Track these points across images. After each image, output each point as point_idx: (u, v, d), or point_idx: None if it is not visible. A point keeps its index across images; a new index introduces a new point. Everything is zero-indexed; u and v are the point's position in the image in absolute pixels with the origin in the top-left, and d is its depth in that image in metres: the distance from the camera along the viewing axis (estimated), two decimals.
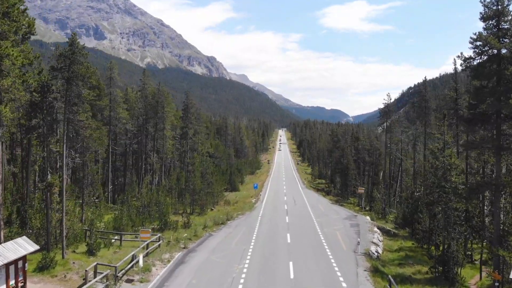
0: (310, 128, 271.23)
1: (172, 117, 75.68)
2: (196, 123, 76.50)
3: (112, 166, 61.89)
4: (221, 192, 72.71)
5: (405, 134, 76.93)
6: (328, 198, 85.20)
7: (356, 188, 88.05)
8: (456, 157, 35.07)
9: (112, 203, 58.48)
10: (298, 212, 56.48)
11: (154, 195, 50.21)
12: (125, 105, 61.12)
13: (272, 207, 61.35)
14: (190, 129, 72.74)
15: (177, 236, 41.69)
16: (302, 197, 75.08)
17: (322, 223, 48.85)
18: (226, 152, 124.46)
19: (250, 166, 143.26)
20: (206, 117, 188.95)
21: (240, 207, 65.27)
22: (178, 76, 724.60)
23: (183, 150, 70.91)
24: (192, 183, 57.24)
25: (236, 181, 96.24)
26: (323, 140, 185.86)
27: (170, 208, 53.77)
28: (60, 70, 32.18)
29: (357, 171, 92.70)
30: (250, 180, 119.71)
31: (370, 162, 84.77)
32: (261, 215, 54.42)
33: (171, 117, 71.92)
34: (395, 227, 58.67)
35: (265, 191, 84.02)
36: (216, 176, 70.36)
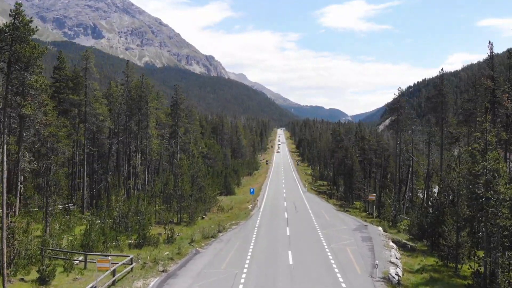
0: (310, 127, 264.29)
1: (161, 114, 68.63)
2: (186, 121, 69.38)
3: (90, 169, 54.94)
4: (214, 197, 65.70)
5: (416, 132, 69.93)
6: (332, 203, 78.23)
7: (362, 192, 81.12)
8: (503, 162, 28.02)
9: (89, 212, 51.52)
10: (300, 222, 49.44)
11: (133, 203, 43.10)
12: (105, 100, 54.09)
13: (271, 215, 54.34)
14: (180, 127, 65.69)
15: (156, 255, 34.61)
16: (303, 202, 68.08)
17: (329, 236, 41.80)
18: (222, 152, 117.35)
19: (247, 166, 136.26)
20: (201, 116, 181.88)
21: (235, 214, 58.27)
22: (176, 75, 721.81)
23: (172, 150, 63.88)
24: (179, 188, 50.16)
25: (231, 184, 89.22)
26: (323, 139, 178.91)
27: (153, 218, 46.73)
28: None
29: (363, 173, 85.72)
30: (247, 182, 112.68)
31: (377, 163, 77.72)
32: (257, 225, 47.35)
33: (158, 114, 64.91)
34: (409, 238, 51.77)
35: (263, 195, 76.99)
36: (209, 179, 63.36)
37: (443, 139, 57.01)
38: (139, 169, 53.87)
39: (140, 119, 53.57)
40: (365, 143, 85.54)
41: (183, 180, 50.15)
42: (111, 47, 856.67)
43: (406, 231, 56.86)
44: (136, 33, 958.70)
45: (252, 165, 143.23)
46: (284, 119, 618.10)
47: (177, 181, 51.03)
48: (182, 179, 50.23)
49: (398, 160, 68.94)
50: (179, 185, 50.16)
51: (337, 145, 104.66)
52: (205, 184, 61.07)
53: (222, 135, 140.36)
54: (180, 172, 50.34)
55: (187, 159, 62.43)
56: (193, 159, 60.70)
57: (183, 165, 50.47)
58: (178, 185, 50.23)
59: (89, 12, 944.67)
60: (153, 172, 68.66)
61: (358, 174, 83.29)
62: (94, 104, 49.66)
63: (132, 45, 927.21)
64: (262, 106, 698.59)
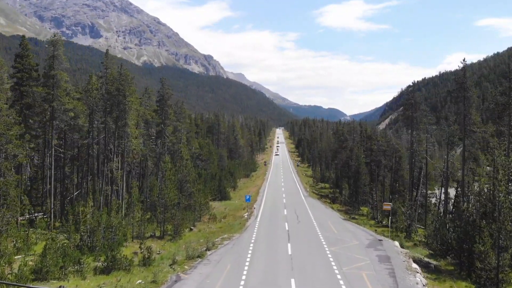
0: (310, 126, 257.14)
1: (148, 112, 61.54)
2: (175, 119, 62.23)
3: (61, 174, 47.86)
4: (206, 204, 58.65)
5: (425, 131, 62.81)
6: (336, 209, 71.24)
7: (369, 197, 74.11)
8: None
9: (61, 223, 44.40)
10: (303, 236, 42.25)
11: (104, 216, 35.97)
12: (78, 94, 46.99)
13: (269, 227, 47.18)
14: (167, 126, 58.56)
15: (124, 285, 27.51)
16: (305, 210, 60.96)
17: (339, 256, 34.63)
18: (217, 153, 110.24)
19: (245, 168, 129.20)
20: (197, 115, 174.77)
21: (229, 225, 51.13)
22: (175, 74, 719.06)
23: (158, 152, 56.69)
24: (163, 196, 43.00)
25: (226, 188, 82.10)
26: (324, 139, 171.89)
27: (129, 232, 39.57)
28: None
29: (370, 176, 78.68)
30: (244, 185, 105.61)
31: (387, 166, 70.59)
32: (254, 240, 40.17)
33: (144, 111, 57.85)
34: (429, 253, 44.75)
35: (261, 201, 69.85)
36: (199, 184, 56.23)
37: (465, 139, 49.91)
38: (116, 174, 46.67)
39: (118, 116, 46.32)
40: (372, 143, 78.49)
41: (167, 186, 42.97)
42: (109, 46, 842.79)
43: (423, 243, 49.90)
44: (134, 33, 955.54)
45: (249, 166, 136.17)
46: (283, 118, 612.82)
47: (161, 187, 43.84)
48: (166, 185, 43.02)
49: (411, 162, 61.88)
50: (162, 193, 42.98)
51: (340, 145, 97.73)
52: (195, 190, 54.00)
53: (218, 134, 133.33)
54: (163, 177, 43.14)
55: (172, 161, 55.46)
56: (181, 162, 53.56)
57: (167, 168, 43.25)
58: (162, 193, 43.06)
59: (87, 11, 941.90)
60: (140, 176, 61.71)
61: (365, 178, 76.25)
62: (63, 99, 42.44)
63: (130, 45, 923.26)
64: (260, 106, 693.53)
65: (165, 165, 43.15)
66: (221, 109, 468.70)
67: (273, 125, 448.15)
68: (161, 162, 48.45)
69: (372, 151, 76.80)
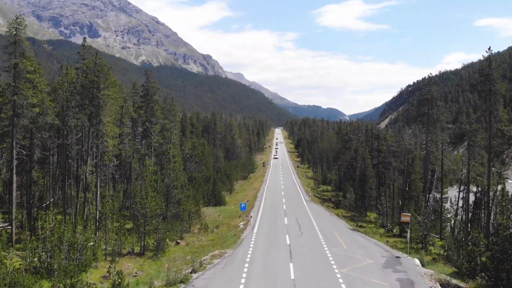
0: (310, 126, 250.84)
1: (131, 108, 55.30)
2: (162, 116, 55.88)
3: (29, 180, 41.56)
4: (197, 212, 52.40)
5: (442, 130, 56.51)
6: (341, 215, 65.03)
7: (378, 202, 67.88)
8: None
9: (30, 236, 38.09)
10: (307, 252, 35.89)
11: (67, 232, 29.69)
12: (47, 87, 40.67)
13: (268, 240, 40.83)
14: (154, 124, 52.27)
15: None
16: (308, 218, 54.62)
17: (353, 281, 28.30)
18: (213, 153, 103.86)
19: (242, 169, 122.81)
20: (193, 114, 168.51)
21: (221, 237, 44.79)
22: (173, 74, 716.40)
23: (143, 153, 50.31)
24: (143, 206, 36.68)
25: (221, 192, 75.70)
26: (325, 139, 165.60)
27: (99, 250, 33.27)
28: None
29: (377, 179, 72.51)
30: (241, 188, 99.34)
31: (398, 168, 64.28)
32: (249, 258, 33.83)
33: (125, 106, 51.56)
34: (453, 271, 38.57)
35: (259, 207, 63.51)
36: (188, 190, 49.88)
37: (491, 139, 43.71)
38: (91, 179, 40.33)
39: (92, 113, 39.93)
40: (380, 143, 72.22)
41: (148, 194, 36.66)
42: (108, 46, 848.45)
43: (443, 258, 43.74)
44: (133, 32, 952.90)
45: (247, 167, 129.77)
46: (282, 118, 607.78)
47: (141, 195, 37.50)
48: (147, 192, 36.71)
49: (426, 164, 55.60)
50: (141, 202, 36.68)
51: (344, 145, 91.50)
52: (183, 196, 47.70)
53: (215, 134, 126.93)
54: (143, 183, 36.84)
55: (161, 164, 49.29)
56: (168, 165, 47.24)
57: (148, 173, 36.94)
58: (142, 201, 36.75)
59: (85, 11, 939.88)
60: (124, 181, 55.42)
61: (372, 181, 70.07)
62: (27, 92, 36.13)
63: (128, 44, 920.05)
64: (259, 106, 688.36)
65: (145, 169, 36.85)
66: (220, 109, 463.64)
67: (272, 125, 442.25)
68: (142, 166, 41.93)
69: (380, 152, 70.58)
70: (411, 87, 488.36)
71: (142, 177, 36.78)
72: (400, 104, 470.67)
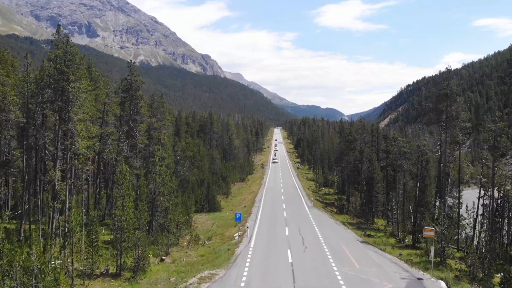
0: (310, 126, 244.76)
1: (114, 105, 49.54)
2: (148, 114, 50.10)
3: None
4: (187, 222, 46.73)
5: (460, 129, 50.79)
6: (346, 222, 59.46)
7: (387, 208, 62.26)
8: None
9: None
10: (314, 274, 30.03)
11: (18, 254, 23.98)
12: (9, 79, 34.88)
13: (266, 257, 35.09)
14: (139, 123, 46.56)
15: None
16: (312, 227, 48.84)
17: None
18: (209, 154, 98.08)
19: (240, 171, 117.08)
20: (188, 113, 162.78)
21: (213, 252, 39.05)
22: (172, 74, 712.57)
23: (126, 155, 44.45)
24: (119, 218, 30.97)
25: (216, 197, 69.99)
26: (326, 139, 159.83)
27: (62, 274, 27.54)
28: None
29: (386, 183, 66.83)
30: (239, 191, 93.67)
31: (410, 171, 58.54)
32: (244, 283, 28.15)
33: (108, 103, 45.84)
34: None
35: (257, 214, 57.69)
36: (177, 197, 44.07)
37: None
38: (59, 187, 34.58)
39: (61, 108, 34.11)
40: (388, 143, 66.51)
41: (124, 205, 30.92)
42: (106, 45, 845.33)
43: (466, 275, 38.15)
44: (131, 32, 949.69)
45: (245, 168, 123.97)
46: (281, 118, 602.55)
47: (116, 205, 31.76)
48: (123, 203, 30.98)
49: (440, 168, 49.98)
50: (117, 214, 30.95)
51: (348, 146, 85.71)
52: (171, 204, 41.98)
53: (211, 134, 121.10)
54: (119, 192, 31.10)
55: (140, 168, 43.68)
56: (154, 168, 41.54)
57: (124, 180, 31.24)
58: (117, 214, 31.03)
59: (83, 11, 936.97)
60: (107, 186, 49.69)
61: (381, 185, 64.40)
62: None
63: (127, 44, 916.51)
64: (258, 105, 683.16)
65: (121, 175, 31.15)
66: (218, 108, 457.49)
67: (271, 125, 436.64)
68: (117, 171, 36.05)
69: (389, 153, 64.88)
70: (410, 86, 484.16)
71: (117, 184, 31.00)
72: (400, 104, 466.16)
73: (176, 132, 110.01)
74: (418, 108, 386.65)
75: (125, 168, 31.60)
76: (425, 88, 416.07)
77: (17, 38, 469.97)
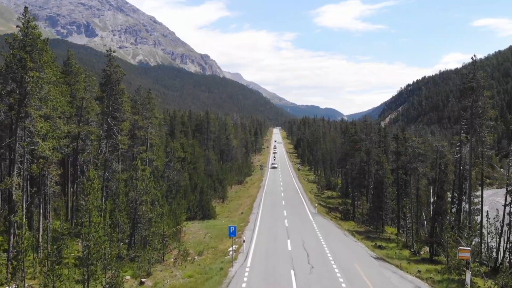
0: (310, 125, 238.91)
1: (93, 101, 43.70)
2: (130, 110, 44.19)
3: None
4: (175, 234, 40.95)
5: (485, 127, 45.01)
6: (354, 230, 53.77)
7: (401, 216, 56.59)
8: None
9: None
10: None
11: None
12: None
13: (266, 281, 29.24)
14: (122, 121, 40.73)
15: None
16: (317, 240, 42.76)
17: None
18: (205, 155, 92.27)
19: (238, 172, 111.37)
20: (184, 113, 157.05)
21: (203, 272, 33.10)
22: (171, 73, 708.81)
23: (103, 158, 38.46)
24: (85, 235, 25.17)
25: (211, 203, 64.17)
26: (328, 139, 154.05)
27: None
28: None
29: (397, 188, 61.06)
30: (236, 195, 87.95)
31: (424, 175, 52.75)
32: None
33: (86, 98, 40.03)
34: None
35: (255, 224, 51.65)
36: (163, 206, 38.17)
37: None
38: (16, 196, 28.71)
39: (19, 101, 28.15)
40: (399, 144, 60.69)
41: (91, 220, 25.13)
42: (105, 45, 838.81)
43: None
44: (130, 32, 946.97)
45: (243, 170, 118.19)
46: (280, 118, 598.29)
47: (83, 220, 25.92)
48: (90, 218, 25.21)
49: (460, 171, 44.24)
50: (83, 231, 25.16)
51: (353, 146, 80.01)
52: (154, 215, 36.18)
53: (208, 134, 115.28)
54: (86, 204, 25.28)
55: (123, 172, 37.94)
56: (136, 173, 35.78)
57: (90, 190, 25.37)
58: (82, 231, 25.23)
59: (82, 10, 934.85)
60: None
61: (392, 190, 58.67)
62: None
63: (126, 44, 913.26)
64: (257, 105, 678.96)
65: (88, 184, 25.35)
66: (217, 108, 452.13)
67: (270, 125, 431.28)
68: (86, 179, 30.01)
69: (400, 155, 59.11)
70: (410, 86, 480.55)
71: (83, 195, 25.23)
72: (400, 104, 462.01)
73: (171, 132, 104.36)
74: (418, 108, 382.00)
75: (93, 175, 25.75)
76: (425, 88, 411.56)
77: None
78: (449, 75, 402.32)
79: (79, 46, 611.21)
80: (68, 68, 48.06)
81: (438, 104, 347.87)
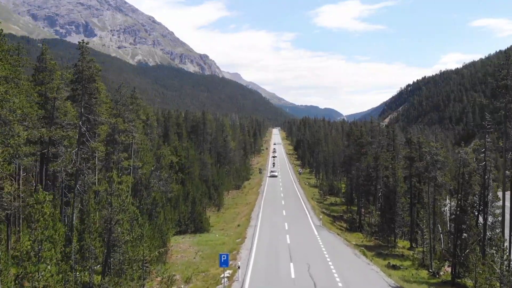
0: (310, 126, 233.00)
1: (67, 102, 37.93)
2: (106, 110, 38.36)
3: None
4: (160, 257, 35.20)
5: None
6: (363, 245, 48.05)
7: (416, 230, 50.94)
8: None
9: None
10: None
11: None
12: None
13: None
14: (98, 124, 35.00)
15: None
16: (325, 263, 36.79)
17: None
18: (200, 159, 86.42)
19: (235, 176, 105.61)
20: (179, 113, 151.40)
21: None
22: (170, 73, 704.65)
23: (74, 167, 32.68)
24: (31, 277, 19.44)
25: (204, 214, 58.27)
26: (330, 141, 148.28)
27: None
28: None
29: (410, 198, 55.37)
30: (233, 202, 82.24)
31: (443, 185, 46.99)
32: None
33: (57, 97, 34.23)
34: None
35: (252, 241, 45.43)
36: (141, 227, 32.24)
37: None
38: None
39: None
40: (412, 149, 54.94)
41: (39, 255, 19.39)
42: (104, 45, 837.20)
43: None
44: (129, 31, 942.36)
45: (241, 174, 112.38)
46: (279, 118, 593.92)
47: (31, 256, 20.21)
48: (39, 249, 19.47)
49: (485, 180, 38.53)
50: (29, 269, 19.45)
51: (359, 150, 74.35)
52: (131, 238, 30.38)
53: (204, 135, 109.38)
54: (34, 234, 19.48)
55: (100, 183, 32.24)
56: (111, 187, 30.13)
57: (39, 216, 19.49)
58: (29, 269, 19.52)
59: (81, 10, 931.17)
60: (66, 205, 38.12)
61: (405, 200, 52.96)
62: None
63: (124, 43, 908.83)
64: (256, 105, 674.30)
65: (36, 208, 19.53)
66: (216, 108, 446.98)
67: (270, 125, 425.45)
68: (32, 200, 24.23)
69: (413, 161, 53.42)
70: (410, 86, 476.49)
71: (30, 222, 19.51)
72: (400, 104, 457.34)
73: (165, 134, 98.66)
74: (419, 108, 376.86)
75: (43, 197, 20.00)
76: (426, 87, 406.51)
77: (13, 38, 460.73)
78: (450, 75, 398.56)
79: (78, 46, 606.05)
80: (42, 64, 42.40)
81: (439, 104, 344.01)
